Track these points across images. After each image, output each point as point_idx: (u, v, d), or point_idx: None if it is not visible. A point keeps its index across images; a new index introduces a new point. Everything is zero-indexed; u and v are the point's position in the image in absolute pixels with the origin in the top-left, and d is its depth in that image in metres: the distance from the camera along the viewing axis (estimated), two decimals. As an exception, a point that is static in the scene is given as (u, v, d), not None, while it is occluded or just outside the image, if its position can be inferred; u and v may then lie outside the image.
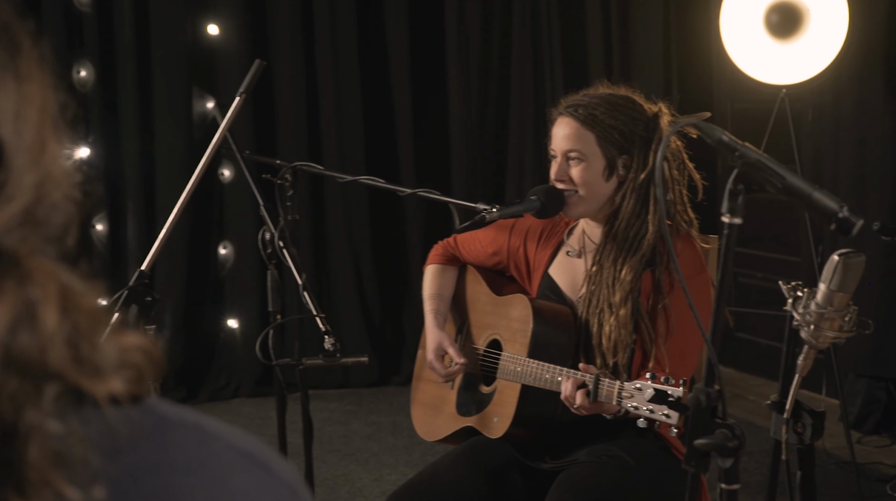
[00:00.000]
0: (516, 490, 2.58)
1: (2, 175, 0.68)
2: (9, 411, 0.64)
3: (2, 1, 0.73)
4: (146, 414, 0.73)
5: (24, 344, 0.64)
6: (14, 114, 0.70)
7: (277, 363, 2.64)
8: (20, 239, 0.69)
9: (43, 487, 0.64)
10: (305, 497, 0.78)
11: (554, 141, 2.56)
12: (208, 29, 5.50)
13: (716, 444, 1.48)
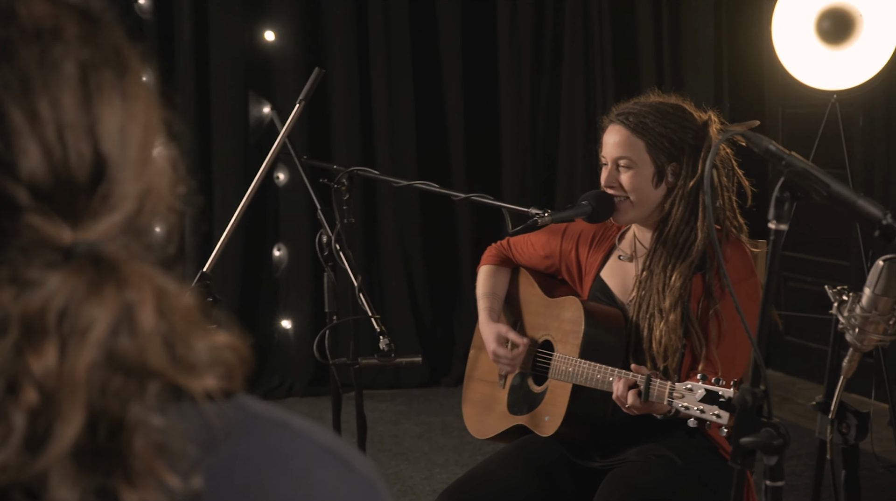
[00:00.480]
0: (566, 488, 2.64)
1: (105, 187, 0.75)
2: (115, 407, 0.70)
3: (114, 25, 0.80)
4: (238, 410, 0.80)
5: (124, 344, 0.71)
6: (119, 131, 0.77)
7: (334, 362, 2.72)
8: (121, 246, 0.76)
9: (148, 476, 0.70)
10: (382, 490, 0.85)
11: (605, 148, 2.62)
12: (265, 35, 5.61)
13: (761, 442, 1.53)
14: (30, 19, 0.75)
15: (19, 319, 0.68)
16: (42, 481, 0.67)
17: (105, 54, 0.78)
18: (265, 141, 5.38)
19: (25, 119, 0.72)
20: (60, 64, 0.75)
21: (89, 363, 0.69)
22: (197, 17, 5.49)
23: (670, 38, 5.87)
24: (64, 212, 0.73)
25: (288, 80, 5.55)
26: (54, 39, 0.75)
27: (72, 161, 0.74)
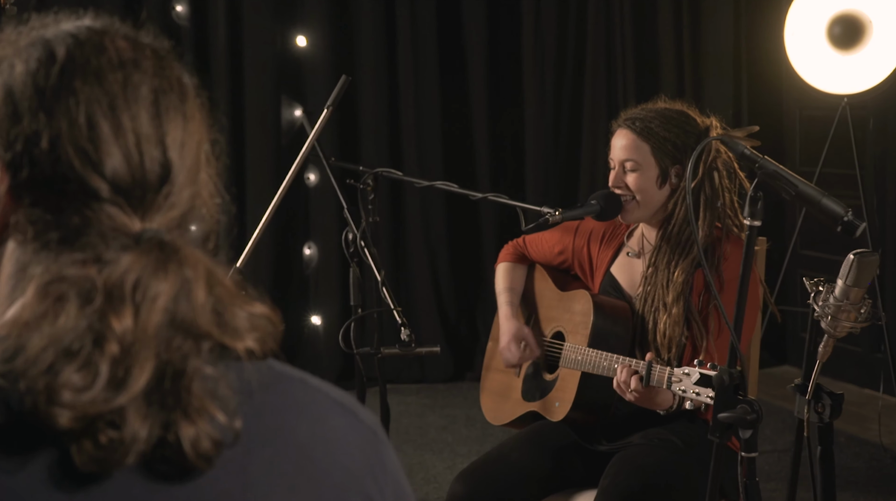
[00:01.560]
0: (575, 470, 2.81)
1: (168, 187, 0.96)
2: (177, 359, 0.89)
3: (176, 61, 1.00)
4: (269, 369, 0.99)
5: (183, 310, 0.91)
6: (180, 144, 0.97)
7: (358, 352, 2.89)
8: (178, 235, 0.96)
9: (202, 413, 0.89)
10: (383, 437, 1.04)
11: (613, 150, 2.80)
12: (297, 40, 5.81)
13: (737, 417, 1.70)
14: (115, 52, 0.96)
15: (102, 289, 0.88)
16: (121, 415, 0.86)
17: (171, 82, 0.99)
18: (296, 142, 5.57)
19: (111, 129, 0.93)
20: (139, 88, 0.96)
21: (157, 324, 0.88)
22: (231, 24, 5.70)
23: (691, 40, 6.01)
24: (135, 205, 0.93)
25: (318, 84, 5.75)
26: (134, 69, 0.96)
27: (146, 164, 0.94)
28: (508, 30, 6.01)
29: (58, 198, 0.92)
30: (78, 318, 0.87)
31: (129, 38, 1.00)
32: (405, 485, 1.05)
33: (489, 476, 2.78)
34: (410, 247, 5.99)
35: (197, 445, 0.88)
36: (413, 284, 6.01)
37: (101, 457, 0.86)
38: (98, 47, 0.97)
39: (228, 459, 0.91)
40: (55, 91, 0.93)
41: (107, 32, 0.99)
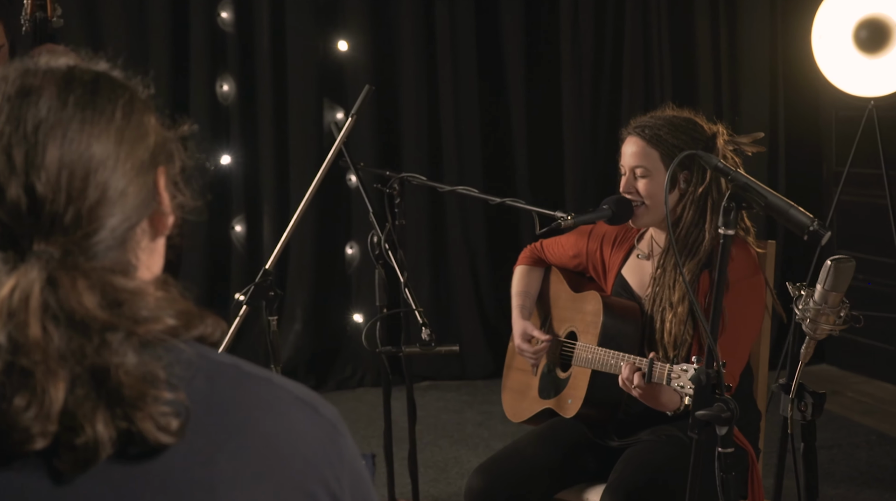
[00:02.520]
0: (588, 465, 2.92)
1: (68, 210, 1.06)
2: (94, 357, 1.02)
3: (110, 88, 1.12)
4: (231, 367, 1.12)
5: (74, 313, 1.02)
6: (92, 170, 1.07)
7: (381, 350, 3.02)
8: (78, 251, 1.07)
9: (143, 397, 1.02)
10: (342, 430, 1.17)
11: (623, 157, 2.91)
12: (338, 45, 5.95)
13: (713, 415, 1.81)
14: (20, 85, 1.09)
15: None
16: (74, 424, 1.00)
17: (86, 110, 1.09)
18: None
19: (5, 163, 1.06)
20: (26, 121, 1.07)
21: (51, 332, 1.01)
22: (275, 29, 5.86)
23: (728, 44, 6.07)
24: (32, 228, 1.05)
25: (360, 87, 5.83)
26: (27, 99, 1.08)
27: (38, 193, 1.05)
28: (546, 35, 6.12)
29: None
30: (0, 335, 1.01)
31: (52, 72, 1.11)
32: (361, 472, 1.17)
33: (505, 470, 2.89)
34: (450, 247, 6.12)
35: (156, 426, 1.02)
36: (453, 283, 6.14)
37: (79, 459, 1.01)
38: (10, 81, 1.09)
39: (196, 450, 1.05)
40: None
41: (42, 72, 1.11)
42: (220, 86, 5.89)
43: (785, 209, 1.73)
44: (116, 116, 1.10)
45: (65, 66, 1.12)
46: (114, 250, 1.09)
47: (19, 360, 1.00)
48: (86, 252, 1.06)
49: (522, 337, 3.09)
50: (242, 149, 5.90)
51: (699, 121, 2.87)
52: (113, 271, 1.06)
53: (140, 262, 1.13)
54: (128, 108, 1.12)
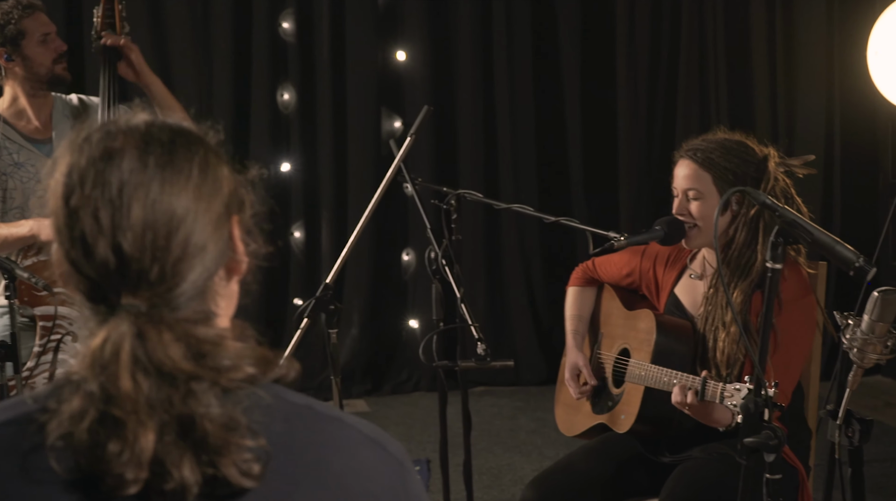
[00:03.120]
0: (639, 480, 2.98)
1: (154, 268, 1.15)
2: (180, 406, 1.10)
3: (194, 145, 1.20)
4: (305, 408, 1.20)
5: (162, 365, 1.10)
6: (174, 229, 1.16)
7: (437, 365, 3.10)
8: (163, 304, 1.15)
9: (227, 444, 1.11)
10: (408, 466, 1.25)
11: (676, 180, 2.95)
12: (397, 55, 6.05)
13: (762, 442, 1.86)
14: (104, 151, 1.18)
15: (90, 359, 1.11)
16: (163, 470, 1.08)
17: (167, 171, 1.17)
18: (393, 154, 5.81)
19: (93, 226, 1.15)
20: (110, 185, 1.16)
21: (142, 384, 1.09)
22: (335, 39, 5.97)
23: (784, 52, 6.08)
24: (120, 284, 1.14)
25: (417, 96, 5.99)
26: (109, 163, 1.16)
27: (125, 251, 1.14)
28: (602, 48, 6.17)
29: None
30: (93, 385, 1.10)
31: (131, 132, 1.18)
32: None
33: (558, 484, 2.96)
34: (506, 259, 6.20)
35: (239, 472, 1.10)
36: (508, 292, 6.22)
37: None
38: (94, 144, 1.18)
39: (275, 488, 1.13)
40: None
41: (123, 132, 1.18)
42: (281, 94, 6.01)
43: (831, 245, 1.78)
44: (194, 173, 1.18)
45: (143, 125, 1.19)
46: (194, 300, 1.17)
47: (112, 410, 1.08)
48: (169, 304, 1.15)
49: (572, 371, 3.18)
50: (302, 157, 6.02)
51: (750, 145, 2.91)
52: (195, 322, 1.14)
53: (219, 308, 1.21)
54: (203, 164, 1.19)
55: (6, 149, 3.53)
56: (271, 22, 5.93)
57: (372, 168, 6.02)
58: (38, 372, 3.37)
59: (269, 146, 5.93)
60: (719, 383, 2.63)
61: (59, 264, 1.18)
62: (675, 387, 2.71)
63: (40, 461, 1.09)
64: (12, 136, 3.56)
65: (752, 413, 1.85)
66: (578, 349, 3.20)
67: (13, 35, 3.48)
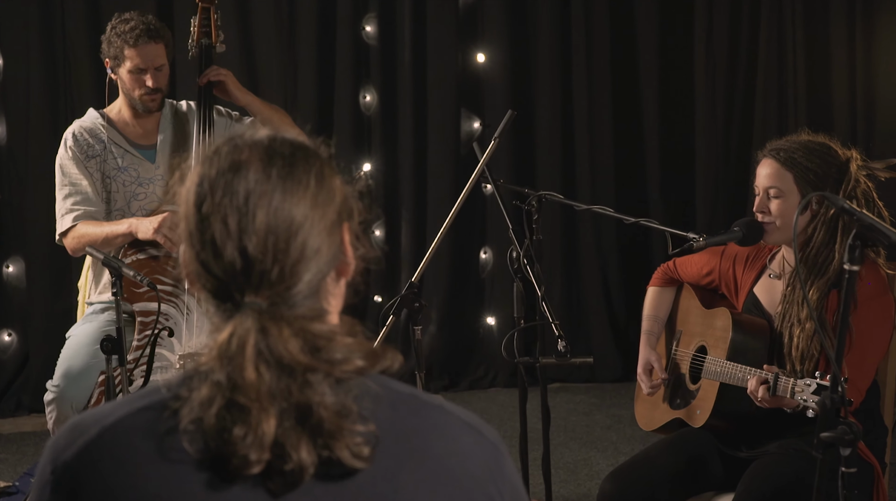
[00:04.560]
0: (716, 474, 3.05)
1: (275, 268, 1.27)
2: (298, 395, 1.22)
3: (311, 158, 1.32)
4: (410, 396, 1.31)
5: (282, 358, 1.22)
6: (293, 234, 1.28)
7: (519, 361, 3.20)
8: (282, 301, 1.27)
9: (340, 429, 1.23)
10: (503, 450, 1.35)
11: (758, 178, 3.02)
12: (476, 57, 6.16)
13: (838, 437, 1.94)
14: (227, 162, 1.31)
15: (217, 352, 1.24)
16: (283, 452, 1.20)
17: (285, 184, 1.29)
18: (474, 153, 5.90)
19: (222, 230, 1.27)
20: (237, 194, 1.28)
21: (266, 374, 1.21)
22: (416, 42, 6.09)
23: (863, 43, 6.05)
24: (245, 283, 1.26)
25: (496, 98, 6.10)
26: (236, 174, 1.29)
27: (250, 254, 1.27)
28: (681, 49, 6.22)
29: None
30: (220, 375, 1.22)
31: (255, 145, 1.30)
32: (520, 488, 1.35)
33: (636, 477, 3.05)
34: (583, 257, 6.28)
35: (352, 454, 1.22)
36: (585, 291, 6.30)
37: (287, 481, 1.22)
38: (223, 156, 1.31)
39: (382, 468, 1.24)
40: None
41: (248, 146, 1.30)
42: (363, 96, 6.15)
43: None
44: (311, 184, 1.30)
45: (266, 140, 1.32)
46: (309, 299, 1.29)
47: (237, 397, 1.21)
48: (287, 302, 1.27)
49: (644, 367, 3.28)
50: (383, 157, 6.15)
51: (834, 146, 2.97)
52: (311, 318, 1.26)
53: (330, 306, 1.33)
54: (319, 176, 1.32)
55: (111, 153, 3.71)
56: (355, 25, 6.07)
57: (451, 168, 6.13)
58: (137, 365, 3.54)
59: (352, 147, 6.07)
60: (791, 378, 2.70)
61: (188, 264, 1.30)
62: (752, 379, 2.79)
63: (174, 443, 1.22)
64: (118, 141, 3.73)
65: (827, 408, 1.93)
66: (651, 347, 3.29)
67: (114, 55, 3.66)
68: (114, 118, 3.76)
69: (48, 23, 5.71)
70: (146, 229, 3.52)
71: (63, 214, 3.69)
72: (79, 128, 3.73)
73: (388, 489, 1.24)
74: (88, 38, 5.51)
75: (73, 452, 1.25)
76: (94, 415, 1.27)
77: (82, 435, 1.25)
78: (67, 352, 3.65)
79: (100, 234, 3.59)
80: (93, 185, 3.68)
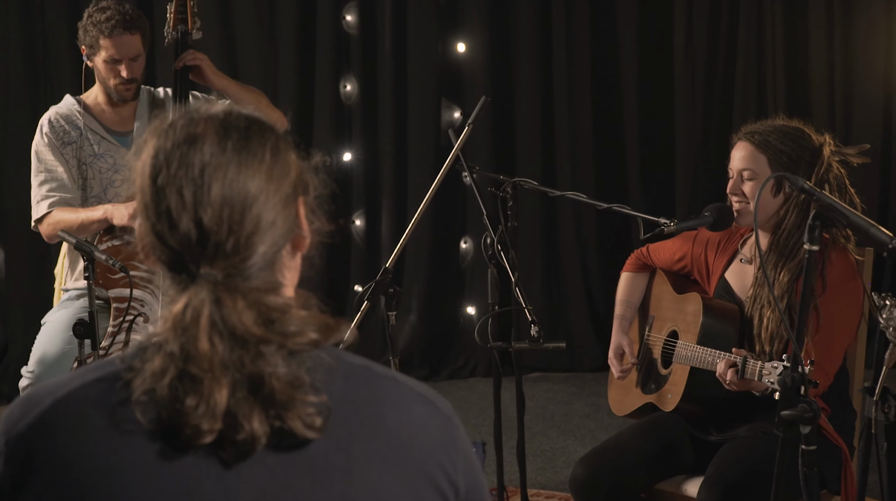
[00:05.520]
0: (687, 457, 3.08)
1: (229, 240, 1.27)
2: (251, 366, 1.23)
3: (261, 132, 1.32)
4: (363, 368, 1.32)
5: (235, 329, 1.23)
6: (247, 206, 1.29)
7: (492, 345, 3.21)
8: (237, 273, 1.28)
9: (292, 400, 1.24)
10: (456, 422, 1.37)
11: (732, 161, 3.05)
12: (457, 47, 6.17)
13: (798, 415, 1.96)
14: (182, 134, 1.32)
15: (171, 322, 1.25)
16: (235, 422, 1.21)
17: (238, 155, 1.30)
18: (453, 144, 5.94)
19: (178, 200, 1.28)
20: (192, 166, 1.29)
21: (217, 344, 1.22)
22: (396, 32, 6.10)
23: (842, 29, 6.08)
24: (199, 255, 1.27)
25: (476, 87, 6.11)
26: (191, 146, 1.29)
27: (205, 226, 1.27)
28: (660, 36, 6.24)
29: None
30: (174, 345, 1.23)
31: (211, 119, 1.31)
32: (473, 459, 1.36)
33: (608, 461, 3.07)
34: (562, 246, 6.30)
35: (304, 424, 1.23)
36: (564, 280, 6.31)
37: (239, 451, 1.23)
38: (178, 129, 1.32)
39: (335, 438, 1.26)
40: None
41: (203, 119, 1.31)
42: (344, 85, 6.15)
43: (866, 228, 1.88)
44: (266, 157, 1.31)
45: (221, 114, 1.33)
46: (264, 271, 1.30)
47: (190, 368, 1.22)
48: (242, 274, 1.28)
49: (616, 351, 3.30)
50: (363, 147, 6.16)
51: (808, 131, 2.99)
52: (265, 291, 1.28)
53: (285, 279, 1.34)
54: (275, 149, 1.33)
55: (88, 140, 3.71)
56: (335, 15, 6.07)
57: (432, 158, 6.14)
58: (112, 350, 3.54)
59: (332, 136, 6.08)
60: (758, 362, 2.73)
61: (144, 237, 1.31)
62: (720, 362, 2.82)
63: (127, 413, 1.23)
64: (95, 128, 3.73)
65: (789, 387, 1.95)
66: (623, 332, 3.31)
67: (90, 43, 3.65)
68: (90, 105, 3.76)
69: (27, 11, 5.70)
70: (121, 215, 3.52)
71: (38, 201, 3.69)
72: (55, 115, 3.73)
73: (340, 458, 1.25)
74: (67, 24, 5.51)
75: (27, 423, 1.25)
76: (48, 387, 1.28)
77: (36, 407, 1.26)
78: (42, 339, 3.66)
79: (75, 221, 3.59)
80: (69, 172, 3.68)
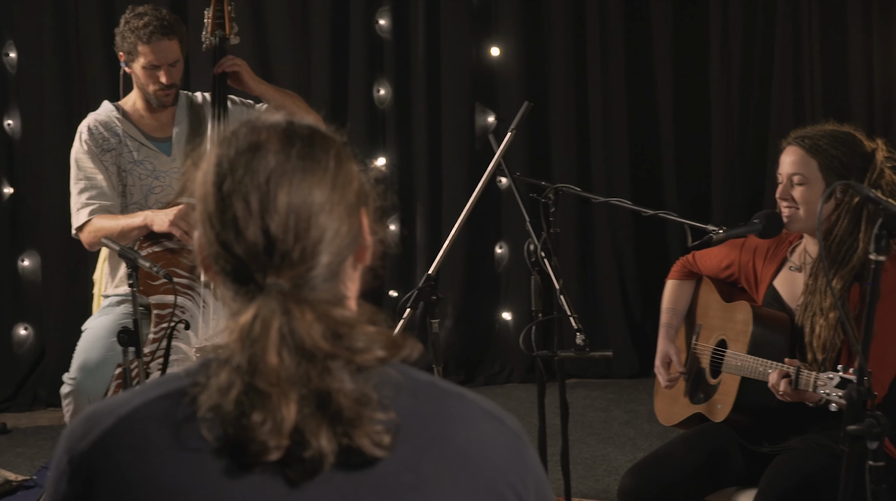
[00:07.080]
0: (737, 469, 3.02)
1: (295, 249, 1.24)
2: (318, 382, 1.19)
3: (325, 142, 1.29)
4: (430, 385, 1.28)
5: (303, 343, 1.19)
6: (311, 216, 1.25)
7: (537, 354, 3.17)
8: (304, 284, 1.24)
9: (360, 417, 1.20)
10: (525, 439, 1.32)
11: (781, 166, 2.99)
12: (490, 51, 6.13)
13: (865, 430, 1.91)
14: (245, 143, 1.28)
15: (238, 335, 1.21)
16: (302, 439, 1.17)
17: (303, 166, 1.27)
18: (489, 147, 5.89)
19: (244, 210, 1.24)
20: (257, 173, 1.25)
21: (286, 359, 1.18)
22: (430, 36, 6.07)
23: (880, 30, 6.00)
24: (265, 265, 1.23)
25: (510, 92, 6.06)
26: (256, 155, 1.26)
27: (273, 235, 1.23)
28: (696, 40, 6.18)
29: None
30: (240, 359, 1.19)
31: (274, 127, 1.28)
32: (542, 476, 1.32)
33: (656, 472, 3.02)
34: (599, 253, 6.25)
35: (372, 442, 1.19)
36: (601, 285, 6.26)
37: (306, 469, 1.19)
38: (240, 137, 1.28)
39: (404, 457, 1.22)
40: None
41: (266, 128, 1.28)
42: (377, 90, 6.13)
43: (930, 236, 1.82)
44: (330, 166, 1.28)
45: (284, 122, 1.30)
46: (329, 282, 1.26)
47: (257, 382, 1.18)
48: (308, 284, 1.24)
49: (662, 360, 3.25)
50: (397, 151, 6.13)
51: (859, 136, 2.94)
52: (332, 303, 1.24)
53: (348, 291, 1.30)
54: (338, 158, 1.29)
55: (127, 146, 3.69)
56: (368, 19, 6.05)
57: (465, 162, 6.11)
58: (153, 358, 3.52)
59: (366, 141, 6.05)
60: (813, 372, 2.67)
61: (206, 247, 1.27)
62: (773, 372, 2.76)
63: (192, 430, 1.19)
64: (133, 134, 3.71)
65: (854, 401, 1.90)
66: (670, 340, 3.26)
67: (128, 50, 3.63)
68: (129, 111, 3.74)
69: (62, 16, 5.70)
70: (161, 221, 3.50)
71: (78, 209, 3.68)
72: (94, 122, 3.72)
73: (410, 478, 1.22)
74: (102, 31, 5.51)
75: (89, 442, 1.22)
76: (110, 405, 1.25)
77: (98, 425, 1.23)
78: (84, 345, 3.64)
79: (115, 228, 3.57)
80: (108, 179, 3.66)
